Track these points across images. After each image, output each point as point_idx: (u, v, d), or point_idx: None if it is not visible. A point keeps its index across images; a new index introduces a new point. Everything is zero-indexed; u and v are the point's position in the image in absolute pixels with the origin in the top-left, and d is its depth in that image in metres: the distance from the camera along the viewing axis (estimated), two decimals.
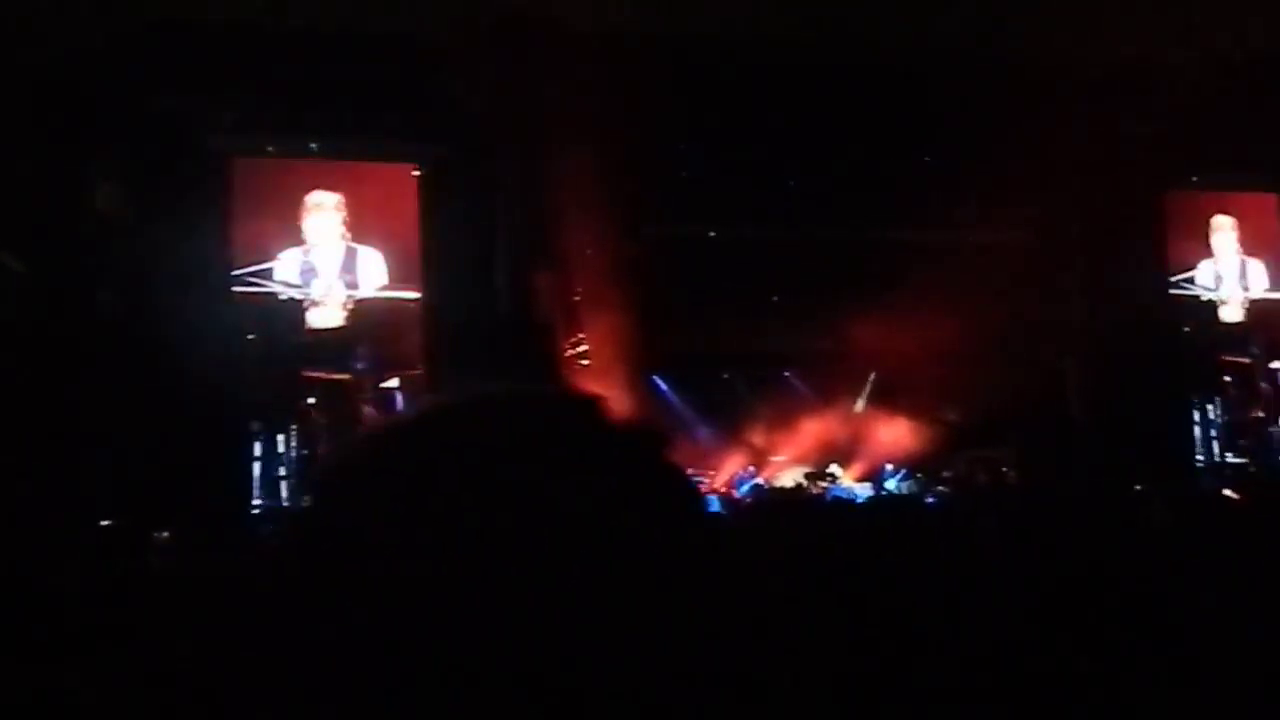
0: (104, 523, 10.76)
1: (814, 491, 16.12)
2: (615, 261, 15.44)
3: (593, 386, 15.73)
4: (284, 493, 14.70)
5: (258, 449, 14.64)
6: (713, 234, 17.32)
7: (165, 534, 9.19)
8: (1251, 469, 17.31)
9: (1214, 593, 3.29)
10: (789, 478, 17.37)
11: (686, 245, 17.01)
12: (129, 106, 14.02)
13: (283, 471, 14.80)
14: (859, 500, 13.18)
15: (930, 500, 13.09)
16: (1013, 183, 16.32)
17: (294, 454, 14.83)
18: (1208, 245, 18.31)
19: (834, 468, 17.76)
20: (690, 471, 16.87)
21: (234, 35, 14.58)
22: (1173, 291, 17.93)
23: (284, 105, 14.94)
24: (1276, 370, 18.04)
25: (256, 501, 14.57)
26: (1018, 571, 3.62)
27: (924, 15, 14.76)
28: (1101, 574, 3.45)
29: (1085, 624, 3.21)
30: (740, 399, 18.57)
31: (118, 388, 13.39)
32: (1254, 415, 17.76)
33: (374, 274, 15.53)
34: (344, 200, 15.42)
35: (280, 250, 15.24)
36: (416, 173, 15.67)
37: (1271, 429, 17.82)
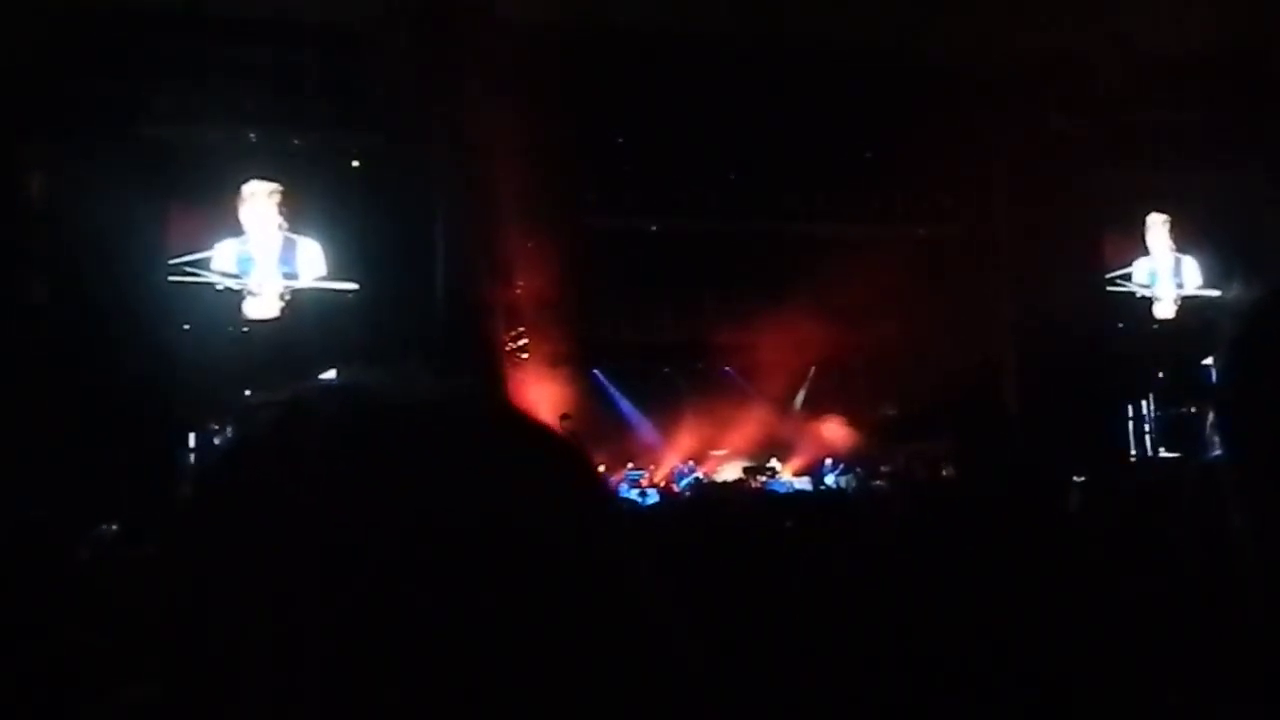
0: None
1: (753, 485, 16.13)
2: (555, 254, 15.42)
3: (532, 379, 15.72)
4: None
5: (192, 440, 14.45)
6: (653, 227, 17.34)
7: (113, 526, 9.01)
8: (1184, 464, 17.43)
9: (1116, 580, 3.34)
10: (729, 472, 17.37)
11: (626, 238, 17.02)
12: (61, 94, 13.81)
13: None
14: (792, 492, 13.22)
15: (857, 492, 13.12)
16: (947, 178, 16.47)
17: None
18: (1144, 243, 18.54)
19: (774, 462, 17.79)
20: (630, 465, 17.01)
21: (168, 23, 14.43)
22: (1108, 289, 18.14)
23: (220, 93, 14.79)
24: (1208, 366, 18.14)
25: None
26: (931, 561, 3.65)
27: (857, 13, 14.86)
28: (1010, 562, 3.49)
29: (992, 612, 3.24)
30: (680, 393, 18.55)
31: (50, 378, 13.19)
32: (1187, 411, 17.92)
33: (312, 264, 15.41)
34: (281, 190, 15.28)
35: (217, 240, 15.10)
36: (355, 163, 15.57)
37: (1204, 424, 17.97)
